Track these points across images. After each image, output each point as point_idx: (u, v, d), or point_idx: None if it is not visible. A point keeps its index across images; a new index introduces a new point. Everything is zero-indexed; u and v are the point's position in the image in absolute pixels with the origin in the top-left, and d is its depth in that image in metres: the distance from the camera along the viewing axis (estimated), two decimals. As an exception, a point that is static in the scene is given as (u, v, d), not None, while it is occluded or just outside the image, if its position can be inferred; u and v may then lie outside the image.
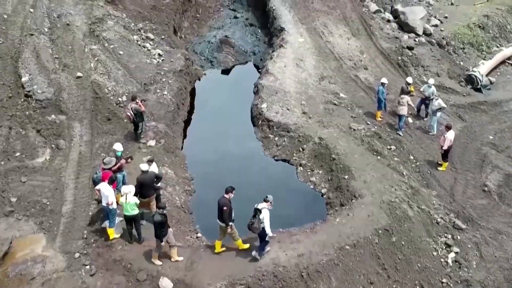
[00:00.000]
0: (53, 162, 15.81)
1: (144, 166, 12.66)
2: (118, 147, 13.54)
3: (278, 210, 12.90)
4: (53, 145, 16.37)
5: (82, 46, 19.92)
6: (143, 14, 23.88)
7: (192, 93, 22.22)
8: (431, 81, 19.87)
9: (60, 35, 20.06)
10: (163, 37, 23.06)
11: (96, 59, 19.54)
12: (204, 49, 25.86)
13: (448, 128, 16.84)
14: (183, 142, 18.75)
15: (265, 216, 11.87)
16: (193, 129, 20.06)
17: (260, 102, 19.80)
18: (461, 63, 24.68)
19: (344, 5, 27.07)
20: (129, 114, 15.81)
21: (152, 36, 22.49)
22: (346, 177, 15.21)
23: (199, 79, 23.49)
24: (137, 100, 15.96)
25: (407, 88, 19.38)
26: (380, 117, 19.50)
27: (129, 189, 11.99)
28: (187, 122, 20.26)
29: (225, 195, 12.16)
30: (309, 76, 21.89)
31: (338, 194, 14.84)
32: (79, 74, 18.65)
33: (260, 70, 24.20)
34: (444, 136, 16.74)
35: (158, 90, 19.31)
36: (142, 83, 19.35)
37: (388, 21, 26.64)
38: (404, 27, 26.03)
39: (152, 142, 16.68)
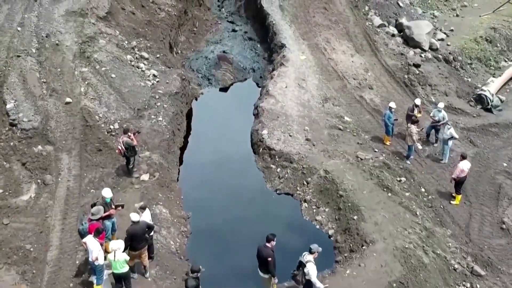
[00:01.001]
0: (38, 200, 14.60)
1: (134, 217, 11.40)
2: (107, 193, 12.26)
3: (281, 254, 11.83)
4: (39, 180, 15.17)
5: (71, 68, 18.75)
6: (137, 31, 22.70)
7: (189, 114, 21.06)
8: (441, 105, 18.81)
9: (48, 57, 18.91)
10: (158, 55, 21.87)
11: (86, 82, 18.34)
12: (201, 65, 24.71)
13: (463, 157, 15.84)
14: (178, 173, 17.54)
15: (310, 270, 10.90)
16: (189, 157, 18.82)
17: (261, 127, 18.65)
18: (469, 79, 23.68)
19: (347, 19, 26.01)
20: (120, 148, 14.62)
21: (146, 55, 21.25)
22: (355, 217, 14.04)
23: (196, 99, 22.37)
24: (129, 133, 14.73)
25: (413, 109, 18.35)
26: (389, 142, 18.50)
27: (117, 246, 10.79)
28: (183, 148, 19.09)
29: (267, 244, 11.20)
30: (312, 98, 20.76)
31: (347, 238, 13.65)
32: (68, 99, 17.50)
33: (260, 86, 23.11)
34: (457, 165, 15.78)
35: (152, 116, 18.12)
36: (136, 109, 18.09)
37: (393, 35, 25.57)
38: (410, 42, 25.00)
39: (145, 177, 15.51)
